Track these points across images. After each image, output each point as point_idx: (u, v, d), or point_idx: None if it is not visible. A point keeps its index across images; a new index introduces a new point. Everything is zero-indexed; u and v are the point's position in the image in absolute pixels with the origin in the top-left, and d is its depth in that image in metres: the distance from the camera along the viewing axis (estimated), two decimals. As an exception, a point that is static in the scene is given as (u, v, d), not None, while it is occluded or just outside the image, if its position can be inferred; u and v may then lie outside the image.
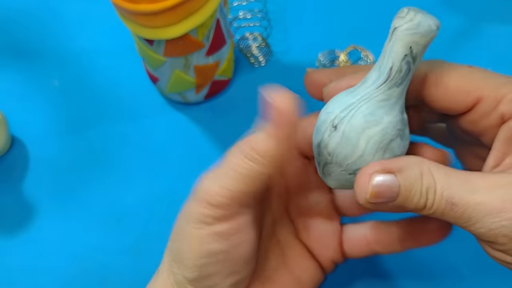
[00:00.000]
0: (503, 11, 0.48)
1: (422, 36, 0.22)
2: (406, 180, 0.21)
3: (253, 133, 0.24)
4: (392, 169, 0.21)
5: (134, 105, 0.45)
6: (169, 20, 0.34)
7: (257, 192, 0.24)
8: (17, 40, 0.49)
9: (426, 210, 0.21)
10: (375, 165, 0.22)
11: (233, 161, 0.24)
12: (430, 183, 0.21)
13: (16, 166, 0.43)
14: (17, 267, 0.40)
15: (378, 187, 0.21)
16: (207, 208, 0.24)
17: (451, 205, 0.21)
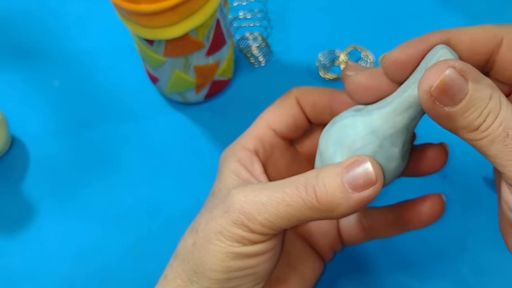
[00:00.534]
0: (501, 11, 0.48)
1: None
2: (476, 91, 0.20)
3: (324, 180, 0.23)
4: (467, 75, 0.20)
5: (134, 105, 0.45)
6: (169, 20, 0.34)
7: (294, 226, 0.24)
8: (17, 40, 0.49)
9: (478, 132, 0.21)
10: (453, 61, 0.21)
11: (288, 199, 0.23)
12: (495, 108, 0.20)
13: (16, 166, 0.43)
14: (18, 267, 0.40)
15: (449, 81, 0.20)
16: (246, 232, 0.24)
17: (505, 135, 0.20)
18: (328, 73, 0.46)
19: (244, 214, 0.24)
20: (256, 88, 0.46)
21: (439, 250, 0.40)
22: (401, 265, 0.39)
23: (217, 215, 0.25)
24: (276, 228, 0.24)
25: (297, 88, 0.30)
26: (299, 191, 0.23)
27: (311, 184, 0.23)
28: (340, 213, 0.23)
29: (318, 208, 0.23)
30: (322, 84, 0.45)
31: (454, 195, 0.41)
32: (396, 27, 0.48)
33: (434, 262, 0.39)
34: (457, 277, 0.39)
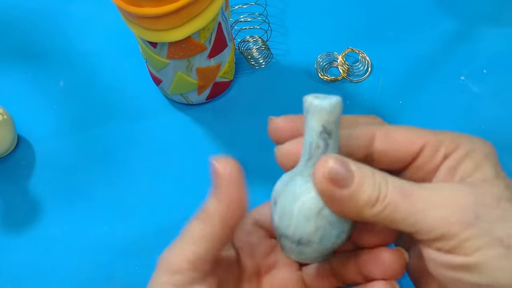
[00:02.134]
0: (497, 14, 0.49)
1: (328, 113, 0.23)
2: (360, 171, 0.22)
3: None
4: (346, 161, 0.22)
5: (137, 106, 0.46)
6: (172, 23, 0.35)
7: (212, 255, 0.25)
8: (23, 42, 0.50)
9: (380, 201, 0.22)
10: (332, 156, 0.23)
11: (187, 227, 0.25)
12: (382, 179, 0.22)
13: (22, 165, 0.44)
14: (24, 264, 0.41)
15: (335, 167, 0.22)
16: (166, 276, 0.24)
17: (403, 196, 0.22)
18: (327, 75, 0.46)
19: (162, 258, 0.25)
20: (257, 90, 0.46)
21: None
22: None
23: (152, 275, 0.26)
24: (191, 259, 0.24)
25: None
26: (195, 217, 0.25)
27: (201, 206, 0.26)
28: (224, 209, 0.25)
29: (206, 218, 0.25)
30: (321, 85, 0.46)
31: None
32: (393, 30, 0.48)
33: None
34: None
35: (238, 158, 0.43)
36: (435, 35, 0.48)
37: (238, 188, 0.25)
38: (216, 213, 0.25)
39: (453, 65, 0.47)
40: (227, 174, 0.25)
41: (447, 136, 0.24)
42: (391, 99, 0.45)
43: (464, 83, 0.46)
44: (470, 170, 0.23)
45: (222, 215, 0.25)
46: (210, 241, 0.24)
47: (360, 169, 0.22)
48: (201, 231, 0.24)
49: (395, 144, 0.25)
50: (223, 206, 0.25)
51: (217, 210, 0.25)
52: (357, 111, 0.45)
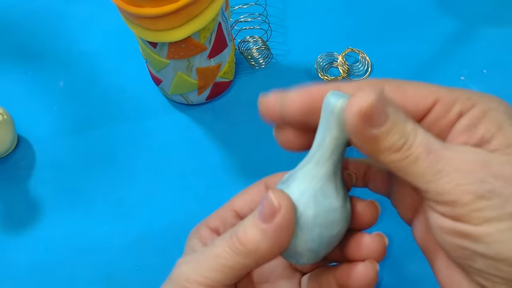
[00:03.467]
0: (497, 14, 0.49)
1: None
2: (396, 115, 0.21)
3: (243, 223, 0.24)
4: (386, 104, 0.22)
5: (137, 106, 0.46)
6: (172, 23, 0.35)
7: (234, 282, 0.24)
8: (23, 42, 0.50)
9: (402, 152, 0.21)
10: (374, 91, 0.21)
11: (217, 251, 0.24)
12: (414, 128, 0.22)
13: (22, 165, 0.44)
14: (24, 264, 0.41)
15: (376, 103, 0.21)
16: None
17: (427, 152, 0.21)
18: (327, 75, 0.47)
19: (183, 276, 0.24)
20: (257, 90, 0.46)
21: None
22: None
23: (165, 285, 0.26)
24: (214, 283, 0.23)
25: (268, 176, 0.30)
26: (226, 240, 0.24)
27: (234, 230, 0.24)
28: (266, 251, 0.23)
29: (244, 251, 0.23)
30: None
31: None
32: (393, 30, 0.48)
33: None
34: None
35: (238, 158, 0.44)
36: (435, 35, 0.48)
37: (288, 231, 0.23)
38: (256, 251, 0.23)
39: (453, 65, 0.47)
40: (282, 213, 0.23)
41: (462, 93, 0.23)
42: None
43: (464, 83, 0.46)
44: (491, 132, 0.22)
45: (263, 255, 0.23)
46: (239, 272, 0.24)
47: (396, 113, 0.21)
48: (232, 261, 0.23)
49: (406, 97, 0.23)
50: (267, 247, 0.23)
51: (259, 248, 0.23)
52: (357, 111, 0.45)
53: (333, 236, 0.24)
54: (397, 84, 0.24)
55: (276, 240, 0.23)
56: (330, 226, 0.24)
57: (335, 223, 0.24)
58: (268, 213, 0.23)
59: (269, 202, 0.23)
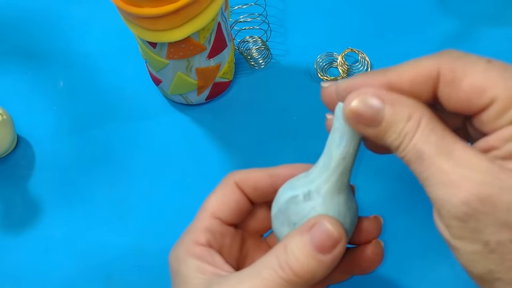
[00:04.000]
0: (497, 14, 0.49)
1: None
2: (392, 114, 0.21)
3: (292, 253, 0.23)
4: (384, 99, 0.22)
5: (137, 106, 0.46)
6: (171, 23, 0.35)
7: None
8: (23, 43, 0.50)
9: (399, 152, 0.22)
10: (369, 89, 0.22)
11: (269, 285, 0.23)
12: (411, 130, 0.21)
13: (22, 166, 0.44)
14: (24, 264, 0.41)
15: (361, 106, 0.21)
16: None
17: (418, 158, 0.21)
18: (326, 75, 0.47)
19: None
20: (256, 90, 0.47)
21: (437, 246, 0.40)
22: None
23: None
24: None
25: (235, 172, 0.30)
26: (276, 272, 0.23)
27: (284, 260, 0.23)
28: (320, 278, 0.23)
29: (300, 281, 0.23)
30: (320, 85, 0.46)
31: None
32: (393, 30, 0.48)
33: (431, 259, 0.40)
34: (453, 274, 0.39)
35: (238, 159, 0.44)
36: (434, 35, 0.48)
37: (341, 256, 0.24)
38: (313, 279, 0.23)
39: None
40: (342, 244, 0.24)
41: None
42: (390, 99, 0.45)
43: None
44: None
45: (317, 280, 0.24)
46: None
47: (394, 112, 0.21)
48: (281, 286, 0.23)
49: (459, 94, 0.21)
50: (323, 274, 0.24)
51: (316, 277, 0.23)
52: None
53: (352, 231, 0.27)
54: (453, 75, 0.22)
55: (333, 266, 0.23)
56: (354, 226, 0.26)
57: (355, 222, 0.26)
58: (329, 245, 0.23)
59: (328, 233, 0.23)
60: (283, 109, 0.45)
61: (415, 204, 0.42)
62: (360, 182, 0.43)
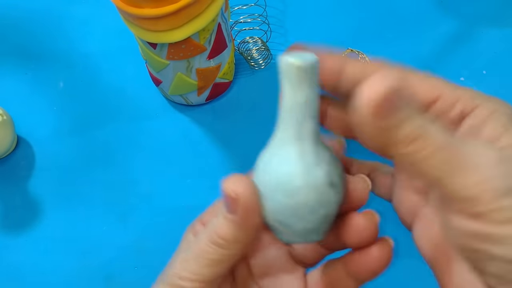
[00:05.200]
0: (497, 15, 0.49)
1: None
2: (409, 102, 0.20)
3: (217, 216, 0.24)
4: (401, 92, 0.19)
5: (137, 107, 0.46)
6: (172, 24, 0.35)
7: (227, 271, 0.25)
8: (23, 43, 0.50)
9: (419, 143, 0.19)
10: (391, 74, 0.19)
11: (201, 248, 0.24)
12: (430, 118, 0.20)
13: (22, 166, 0.44)
14: (24, 264, 0.41)
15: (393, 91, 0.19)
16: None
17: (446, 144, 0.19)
18: (327, 76, 0.46)
19: (175, 275, 0.25)
20: (256, 91, 0.46)
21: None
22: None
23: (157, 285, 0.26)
24: (207, 277, 0.24)
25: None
26: (206, 235, 0.24)
27: (213, 224, 0.24)
28: (245, 237, 0.23)
29: (224, 243, 0.23)
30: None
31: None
32: (392, 31, 0.48)
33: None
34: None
35: (238, 159, 0.44)
36: (434, 36, 0.48)
37: (256, 213, 0.23)
38: (236, 241, 0.23)
39: (453, 66, 0.47)
40: (242, 202, 0.23)
41: (464, 92, 0.22)
42: (390, 100, 0.45)
43: (464, 84, 0.46)
44: (498, 131, 0.20)
45: (243, 241, 0.24)
46: (227, 263, 0.24)
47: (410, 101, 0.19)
48: (217, 254, 0.24)
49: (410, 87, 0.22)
50: (244, 235, 0.23)
51: (237, 237, 0.23)
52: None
53: (301, 207, 0.22)
54: (403, 71, 0.23)
55: (249, 226, 0.23)
56: (291, 193, 0.22)
57: (296, 191, 0.22)
58: (230, 205, 0.23)
59: (226, 194, 0.23)
60: (283, 110, 0.45)
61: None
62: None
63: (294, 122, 0.23)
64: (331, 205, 0.23)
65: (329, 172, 0.23)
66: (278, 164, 0.23)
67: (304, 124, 0.23)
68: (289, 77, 0.22)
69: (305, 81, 0.23)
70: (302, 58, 0.22)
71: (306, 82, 0.23)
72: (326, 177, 0.22)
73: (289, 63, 0.22)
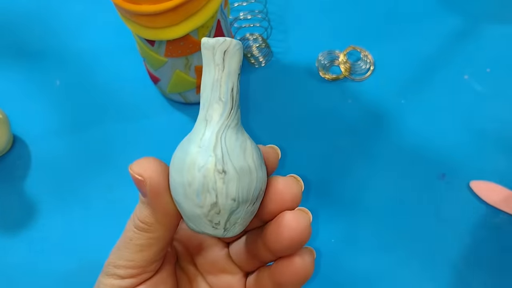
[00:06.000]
0: (501, 11, 0.49)
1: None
2: None
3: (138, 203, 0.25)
4: None
5: (135, 105, 0.46)
6: (170, 21, 0.34)
7: (161, 254, 0.25)
8: (19, 40, 0.49)
9: None
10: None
11: (128, 235, 0.25)
12: None
13: (18, 165, 0.44)
14: (19, 265, 0.40)
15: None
16: (117, 280, 0.25)
17: None
18: (328, 73, 0.46)
19: (112, 264, 0.26)
20: (257, 88, 0.46)
21: (436, 247, 0.40)
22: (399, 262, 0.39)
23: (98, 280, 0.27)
24: (141, 262, 0.25)
25: None
26: (130, 222, 0.25)
27: (135, 210, 0.25)
28: (164, 218, 0.24)
29: (147, 227, 0.24)
30: (321, 84, 0.46)
31: (451, 194, 0.41)
32: (395, 28, 0.48)
33: (432, 258, 0.40)
34: (454, 273, 0.39)
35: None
36: (438, 33, 0.48)
37: (162, 192, 0.24)
38: (157, 223, 0.24)
39: (457, 64, 0.46)
40: (148, 183, 0.24)
41: None
42: (393, 98, 0.45)
43: (468, 81, 0.46)
44: None
45: (165, 223, 0.24)
46: (157, 246, 0.25)
47: None
48: (143, 238, 0.24)
49: None
50: (162, 215, 0.24)
51: (157, 219, 0.24)
52: (359, 111, 0.45)
53: (186, 186, 0.22)
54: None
55: (162, 206, 0.24)
56: (180, 171, 0.22)
57: (184, 168, 0.22)
58: (141, 188, 0.24)
59: (133, 177, 0.24)
60: (284, 108, 0.45)
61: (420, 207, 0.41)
62: (363, 182, 0.42)
63: (204, 102, 0.23)
64: (219, 193, 0.22)
65: (223, 159, 0.22)
66: (181, 145, 0.24)
67: (212, 105, 0.23)
68: (203, 56, 0.23)
69: (212, 61, 0.22)
70: (218, 40, 0.22)
71: (213, 62, 0.22)
72: (216, 163, 0.22)
73: (202, 41, 0.22)
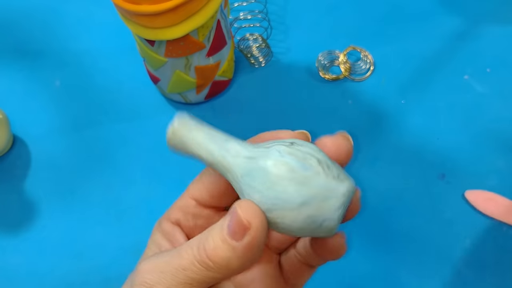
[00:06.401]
0: (501, 12, 0.48)
1: None
2: None
3: (211, 235, 0.23)
4: None
5: (135, 105, 0.45)
6: (170, 21, 0.34)
7: None
8: (19, 41, 0.49)
9: None
10: None
11: (184, 264, 0.22)
12: None
13: (18, 165, 0.44)
14: (19, 265, 0.40)
15: None
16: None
17: None
18: (328, 73, 0.46)
19: (146, 285, 0.23)
20: (256, 88, 0.46)
21: (436, 247, 0.40)
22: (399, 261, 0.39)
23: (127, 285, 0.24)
24: None
25: None
26: (193, 252, 0.22)
27: (202, 242, 0.22)
28: (236, 267, 0.22)
29: (213, 267, 0.22)
30: (322, 84, 0.46)
31: (451, 194, 0.41)
32: (396, 28, 0.48)
33: (432, 258, 0.39)
34: (454, 273, 0.39)
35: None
36: (438, 33, 0.48)
37: (260, 247, 0.22)
38: (227, 267, 0.22)
39: (457, 64, 0.46)
40: (253, 233, 0.21)
41: None
42: (393, 98, 0.45)
43: (468, 82, 0.45)
44: None
45: (234, 270, 0.22)
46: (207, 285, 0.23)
47: None
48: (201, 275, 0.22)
49: None
50: (238, 264, 0.22)
51: (230, 265, 0.22)
52: (359, 111, 0.45)
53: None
54: None
55: (248, 258, 0.22)
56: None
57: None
58: (238, 231, 0.21)
59: (238, 219, 0.21)
60: (284, 108, 0.45)
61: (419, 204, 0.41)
62: (362, 181, 0.42)
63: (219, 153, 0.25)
64: None
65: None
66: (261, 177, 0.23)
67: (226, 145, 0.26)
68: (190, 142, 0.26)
69: (192, 141, 0.26)
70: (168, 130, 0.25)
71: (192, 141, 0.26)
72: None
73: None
